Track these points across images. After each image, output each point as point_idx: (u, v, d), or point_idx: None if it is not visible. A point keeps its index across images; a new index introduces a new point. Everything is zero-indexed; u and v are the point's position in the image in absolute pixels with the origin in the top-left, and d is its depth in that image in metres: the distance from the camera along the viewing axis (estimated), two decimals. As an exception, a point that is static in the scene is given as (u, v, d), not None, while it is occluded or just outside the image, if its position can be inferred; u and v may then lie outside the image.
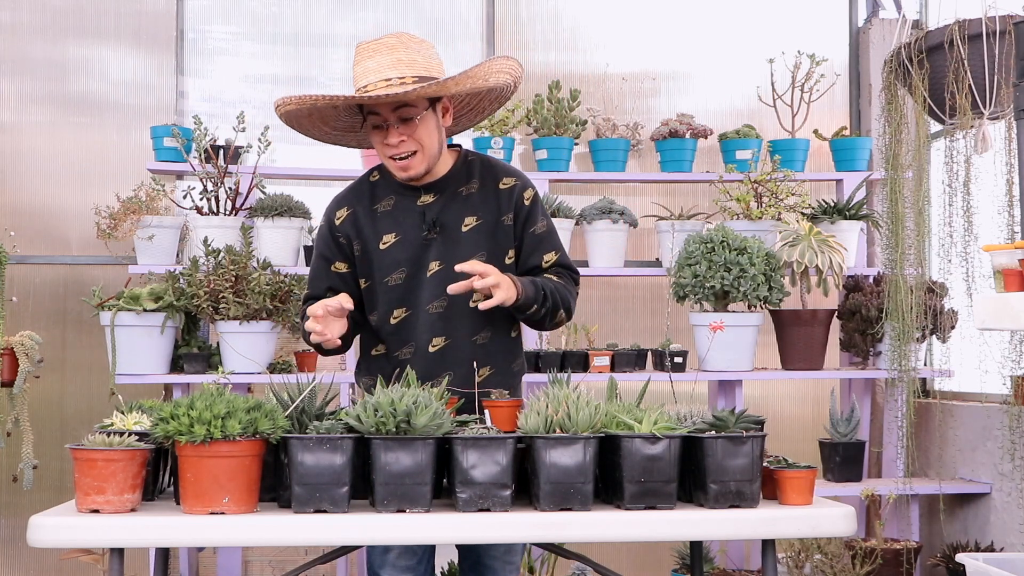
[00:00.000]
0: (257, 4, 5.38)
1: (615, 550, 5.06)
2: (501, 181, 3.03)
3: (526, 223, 3.02)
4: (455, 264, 2.87)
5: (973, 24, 3.99)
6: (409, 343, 2.98)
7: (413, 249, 2.97)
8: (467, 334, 2.97)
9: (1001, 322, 2.88)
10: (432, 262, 2.96)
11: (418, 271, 2.97)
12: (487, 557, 3.04)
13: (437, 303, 2.96)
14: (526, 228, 3.03)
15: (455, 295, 2.87)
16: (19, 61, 5.16)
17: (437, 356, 2.96)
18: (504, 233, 3.00)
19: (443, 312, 2.96)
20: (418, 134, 2.90)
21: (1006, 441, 4.29)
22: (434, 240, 2.97)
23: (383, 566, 2.90)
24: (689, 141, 5.14)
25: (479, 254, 2.96)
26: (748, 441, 2.48)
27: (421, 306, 2.97)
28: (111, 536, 2.37)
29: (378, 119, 2.89)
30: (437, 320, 2.96)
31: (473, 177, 3.03)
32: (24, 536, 2.40)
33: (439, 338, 2.96)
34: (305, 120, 3.02)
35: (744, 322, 4.64)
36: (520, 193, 3.02)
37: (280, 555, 4.99)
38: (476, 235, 2.98)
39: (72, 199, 5.13)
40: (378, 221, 3.00)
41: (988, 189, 4.14)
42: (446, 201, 3.00)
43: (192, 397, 2.38)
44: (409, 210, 2.99)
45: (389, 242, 2.98)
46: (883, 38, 5.46)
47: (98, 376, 4.88)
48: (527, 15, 5.51)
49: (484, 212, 2.99)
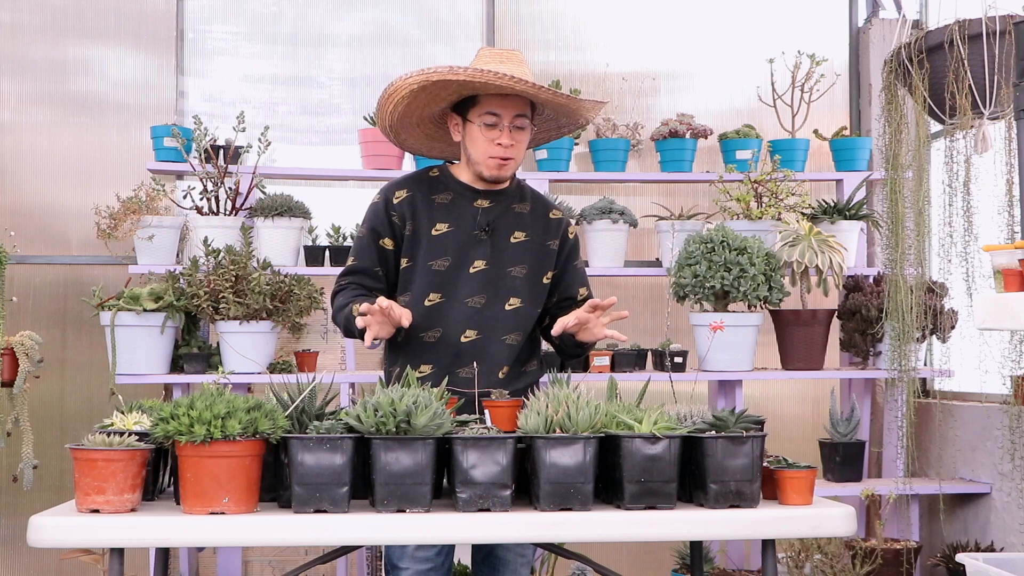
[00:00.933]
0: (257, 4, 5.38)
1: (615, 550, 5.06)
2: (551, 212, 3.26)
3: (569, 255, 3.27)
4: (499, 268, 3.12)
5: (973, 24, 3.99)
6: (436, 328, 3.10)
7: (463, 243, 3.13)
8: (499, 333, 3.13)
9: (1001, 322, 2.88)
10: (478, 260, 3.13)
11: (462, 264, 3.12)
12: (500, 549, 3.16)
13: (476, 298, 3.12)
14: (569, 260, 3.26)
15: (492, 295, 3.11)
16: (19, 61, 5.16)
17: (467, 347, 3.10)
18: (547, 255, 3.21)
19: (480, 308, 3.11)
20: (522, 143, 3.12)
21: (1006, 441, 4.29)
22: (484, 240, 3.14)
23: (402, 557, 3.01)
24: (689, 141, 5.14)
25: (522, 265, 3.17)
26: (748, 441, 2.48)
27: (459, 297, 3.11)
28: (111, 536, 2.37)
29: (496, 119, 3.06)
30: (474, 314, 3.11)
31: (526, 200, 3.24)
32: (24, 536, 2.40)
33: (472, 331, 3.11)
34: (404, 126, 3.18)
35: (744, 322, 4.64)
36: (566, 227, 3.27)
37: (280, 555, 5.00)
38: (522, 249, 3.18)
39: (72, 199, 5.13)
40: (435, 209, 3.15)
41: (988, 189, 4.13)
42: (501, 211, 3.18)
43: (192, 397, 2.38)
44: (465, 208, 3.16)
45: (442, 230, 3.14)
46: (883, 38, 5.46)
47: (98, 376, 4.88)
48: (527, 14, 5.51)
49: (532, 232, 3.20)
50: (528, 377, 3.21)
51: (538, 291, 3.19)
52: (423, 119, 3.21)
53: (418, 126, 3.23)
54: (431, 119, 3.22)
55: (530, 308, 3.17)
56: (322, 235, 4.94)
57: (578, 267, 3.29)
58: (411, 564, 2.99)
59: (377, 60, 5.41)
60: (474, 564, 3.24)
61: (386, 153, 4.94)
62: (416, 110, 3.14)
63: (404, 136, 3.27)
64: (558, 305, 3.24)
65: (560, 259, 3.23)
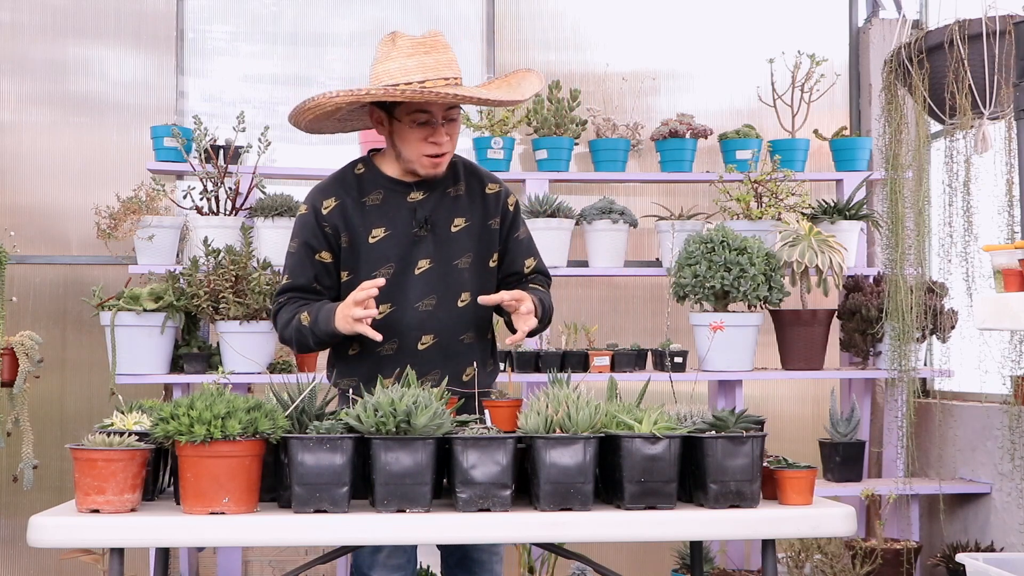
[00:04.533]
0: (257, 4, 5.38)
1: (615, 550, 5.06)
2: (487, 186, 3.11)
3: (511, 228, 3.13)
4: (445, 263, 2.98)
5: (973, 24, 3.99)
6: (392, 340, 2.98)
7: (403, 245, 3.00)
8: (455, 332, 3.02)
9: (1001, 322, 2.88)
10: (422, 259, 3.00)
11: (407, 268, 2.99)
12: (474, 551, 3.07)
13: (426, 301, 3.00)
14: (511, 233, 3.13)
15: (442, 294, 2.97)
16: (19, 61, 5.16)
17: (426, 354, 2.99)
18: (490, 236, 3.08)
19: (432, 311, 3.00)
20: (455, 135, 2.99)
21: (1006, 441, 4.29)
22: (424, 238, 3.01)
23: (373, 567, 2.91)
24: (689, 141, 5.14)
25: (467, 255, 3.03)
26: (748, 441, 2.48)
27: (409, 303, 2.99)
28: (111, 536, 2.37)
29: (428, 116, 2.93)
30: (426, 318, 2.99)
31: (459, 179, 3.09)
32: (24, 536, 2.40)
33: (428, 335, 3.00)
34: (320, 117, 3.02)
35: (744, 322, 4.64)
36: (505, 199, 3.12)
37: (280, 555, 4.99)
38: (465, 236, 3.04)
39: (72, 199, 5.13)
40: (367, 214, 3.01)
41: (988, 189, 4.13)
42: (436, 200, 3.04)
43: (192, 397, 2.38)
44: (399, 206, 3.02)
45: (379, 236, 3.00)
46: (883, 38, 5.46)
47: (98, 376, 4.87)
48: (527, 14, 5.51)
49: (472, 215, 3.06)
50: (491, 376, 3.14)
51: (487, 278, 3.07)
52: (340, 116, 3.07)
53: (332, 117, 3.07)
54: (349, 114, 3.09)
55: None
56: (322, 235, 4.94)
57: (520, 238, 3.15)
58: (382, 572, 2.90)
59: (377, 60, 5.41)
60: (447, 567, 3.14)
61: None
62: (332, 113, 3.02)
63: (316, 128, 3.12)
64: (504, 281, 3.13)
65: (502, 235, 3.11)
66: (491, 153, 4.99)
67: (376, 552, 2.90)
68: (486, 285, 3.07)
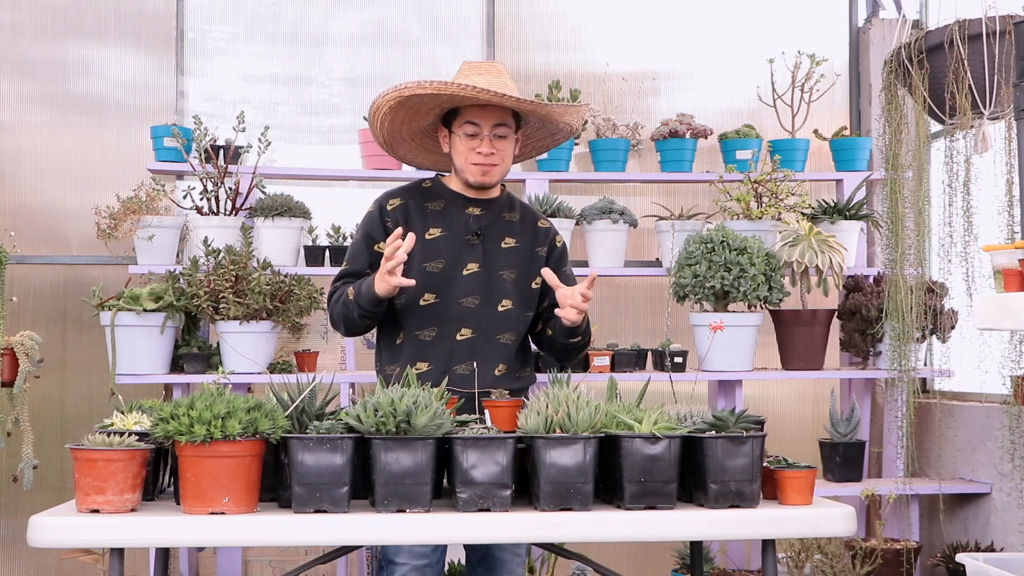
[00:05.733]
0: (256, 4, 5.38)
1: (615, 550, 5.06)
2: (539, 221, 3.41)
3: (558, 262, 3.37)
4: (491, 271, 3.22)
5: (973, 24, 3.99)
6: (432, 327, 3.20)
7: (455, 247, 3.24)
8: (493, 331, 3.23)
9: (1001, 322, 2.88)
10: (471, 263, 3.24)
11: (455, 266, 3.23)
12: (496, 550, 3.19)
13: (470, 299, 3.22)
14: (558, 267, 3.34)
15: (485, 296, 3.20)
16: (19, 61, 5.16)
17: (463, 344, 3.19)
18: (536, 261, 3.32)
19: (474, 308, 3.21)
20: (505, 151, 3.25)
21: (1006, 441, 4.29)
22: (476, 245, 3.26)
23: (399, 552, 3.03)
24: (689, 141, 5.14)
25: (512, 270, 3.28)
26: (748, 441, 2.48)
27: (453, 298, 3.21)
28: (111, 536, 2.37)
29: (476, 128, 3.20)
30: (467, 314, 3.21)
31: (515, 209, 3.38)
32: (24, 536, 2.41)
33: (467, 329, 3.21)
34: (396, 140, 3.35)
35: (744, 322, 4.64)
36: (554, 236, 3.41)
37: (280, 555, 5.00)
38: (512, 255, 3.29)
39: (72, 199, 5.13)
40: (428, 216, 3.27)
41: (988, 189, 4.13)
42: (492, 219, 3.31)
43: (192, 397, 2.38)
44: (458, 215, 3.29)
45: (435, 234, 3.25)
46: (883, 38, 5.46)
47: (98, 376, 4.87)
48: (527, 14, 5.51)
49: (522, 239, 3.33)
50: (523, 381, 3.30)
51: (527, 295, 3.30)
52: (415, 133, 3.36)
53: (412, 140, 3.38)
54: (423, 132, 3.37)
55: (521, 311, 3.28)
56: (322, 235, 4.94)
57: (567, 272, 3.39)
58: (408, 559, 3.02)
59: (377, 60, 5.41)
60: (470, 565, 3.26)
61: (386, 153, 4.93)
62: (403, 124, 3.30)
63: (401, 151, 3.45)
64: (550, 311, 3.29)
65: (549, 264, 3.31)
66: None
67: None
68: (527, 301, 3.30)
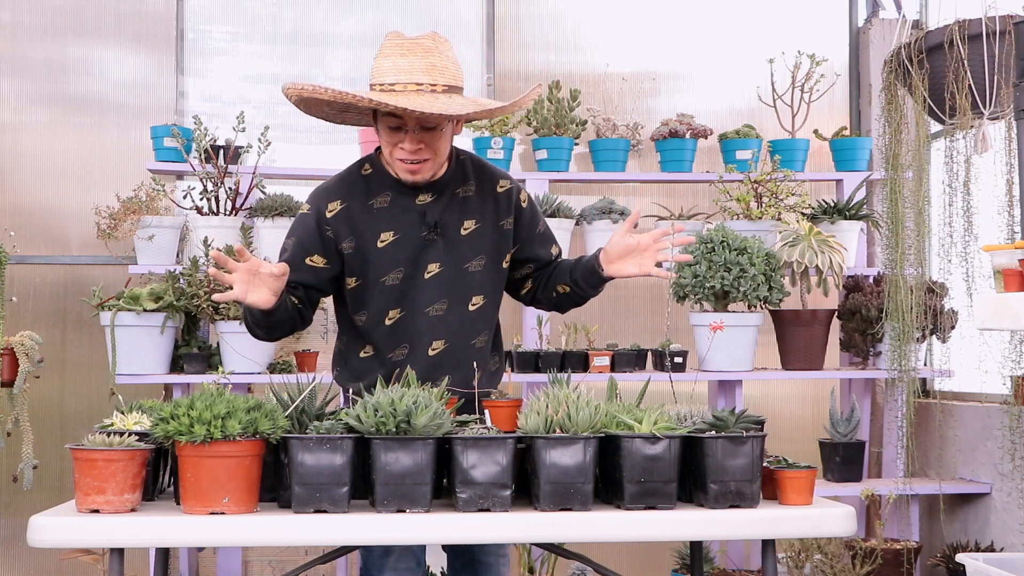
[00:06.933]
0: (257, 4, 5.38)
1: (615, 550, 5.06)
2: (497, 184, 3.02)
3: (529, 225, 3.06)
4: (456, 267, 2.93)
5: (973, 24, 3.99)
6: (403, 344, 2.95)
7: (412, 249, 2.93)
8: (467, 337, 2.98)
9: (1001, 322, 2.88)
10: (431, 264, 2.94)
11: (416, 272, 2.93)
12: (481, 554, 3.04)
13: (437, 306, 2.94)
14: (531, 230, 3.07)
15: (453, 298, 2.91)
16: (19, 61, 5.16)
17: (436, 359, 2.94)
18: (503, 237, 3.01)
19: (443, 315, 2.95)
20: (435, 144, 2.86)
21: (1006, 441, 4.29)
22: (434, 242, 2.94)
23: (383, 569, 2.84)
24: (689, 141, 5.14)
25: (479, 257, 2.97)
26: (748, 441, 2.48)
27: (419, 308, 2.94)
28: (111, 536, 2.37)
29: (397, 121, 2.83)
30: (438, 323, 2.94)
31: (469, 179, 3.01)
32: (24, 536, 2.40)
33: (439, 341, 2.95)
34: (312, 103, 2.94)
35: (744, 322, 4.64)
36: (517, 196, 3.04)
37: (280, 555, 4.99)
38: (476, 239, 2.97)
39: (72, 199, 5.13)
40: (375, 218, 2.92)
41: (988, 189, 4.13)
42: (446, 203, 2.96)
43: (192, 397, 2.38)
44: (407, 208, 2.94)
45: (387, 240, 2.92)
46: (883, 38, 5.46)
47: (98, 376, 4.87)
48: (527, 15, 5.51)
49: (483, 216, 2.98)
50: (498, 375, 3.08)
51: (499, 278, 3.02)
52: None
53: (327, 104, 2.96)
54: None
55: (493, 300, 3.01)
56: (322, 235, 4.94)
57: (542, 231, 3.09)
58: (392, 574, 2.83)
59: (377, 60, 5.41)
60: (452, 571, 3.10)
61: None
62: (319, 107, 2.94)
63: (314, 112, 3.01)
64: (536, 274, 3.10)
65: (520, 234, 3.04)
66: (491, 153, 4.99)
67: (386, 556, 2.84)
68: (499, 286, 3.03)
